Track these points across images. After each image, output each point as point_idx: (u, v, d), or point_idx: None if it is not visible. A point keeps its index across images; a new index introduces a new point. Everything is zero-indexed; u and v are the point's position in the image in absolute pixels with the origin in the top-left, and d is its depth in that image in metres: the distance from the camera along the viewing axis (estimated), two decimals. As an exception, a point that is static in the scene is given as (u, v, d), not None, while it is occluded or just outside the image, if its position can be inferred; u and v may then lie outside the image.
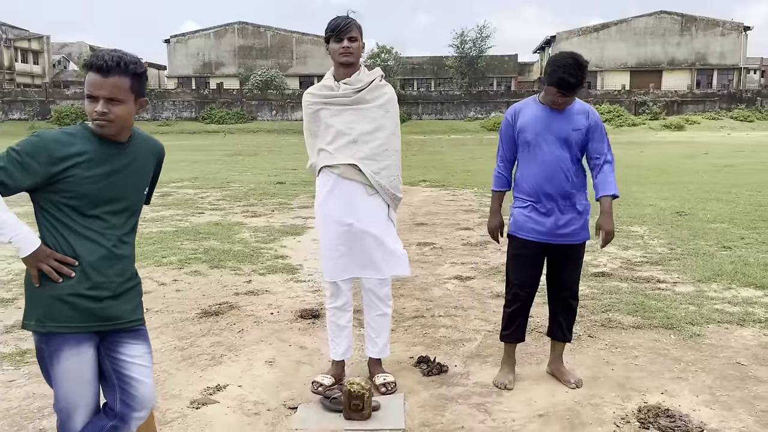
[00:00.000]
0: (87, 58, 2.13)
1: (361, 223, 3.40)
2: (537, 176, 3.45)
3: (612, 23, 58.23)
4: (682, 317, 4.56)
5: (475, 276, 5.87)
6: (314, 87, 3.52)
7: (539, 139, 3.45)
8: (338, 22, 3.36)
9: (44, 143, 2.07)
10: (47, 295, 2.12)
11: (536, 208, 3.48)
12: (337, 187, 3.43)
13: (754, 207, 9.69)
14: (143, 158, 2.30)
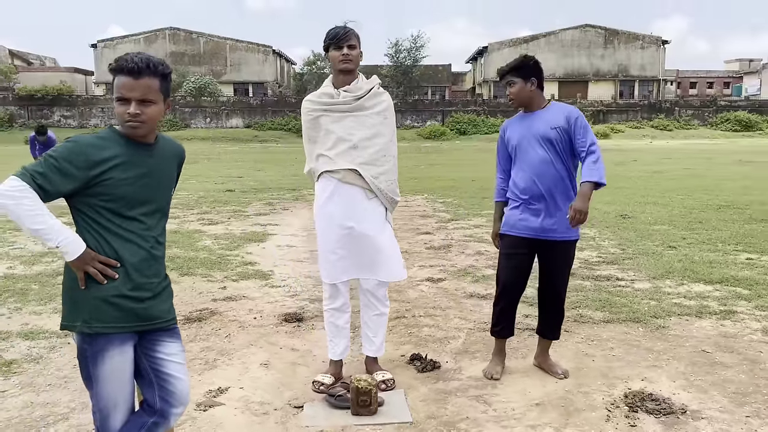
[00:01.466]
0: (113, 62, 2.17)
1: (361, 226, 3.51)
2: (526, 177, 3.66)
3: (541, 35, 60.35)
4: (645, 311, 4.89)
5: (446, 278, 6.06)
6: (313, 94, 3.62)
7: (524, 143, 3.68)
8: (338, 30, 3.48)
9: (81, 148, 2.11)
10: (93, 297, 2.14)
11: (527, 206, 3.68)
12: (337, 191, 3.53)
13: (688, 210, 10.35)
14: (168, 160, 2.35)
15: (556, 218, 3.66)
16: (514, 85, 3.66)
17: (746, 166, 20.73)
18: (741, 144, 37.68)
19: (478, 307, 5.11)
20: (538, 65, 3.73)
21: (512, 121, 3.85)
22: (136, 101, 2.15)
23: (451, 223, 9.40)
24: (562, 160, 3.69)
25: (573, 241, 3.77)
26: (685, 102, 55.70)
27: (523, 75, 3.65)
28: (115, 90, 2.16)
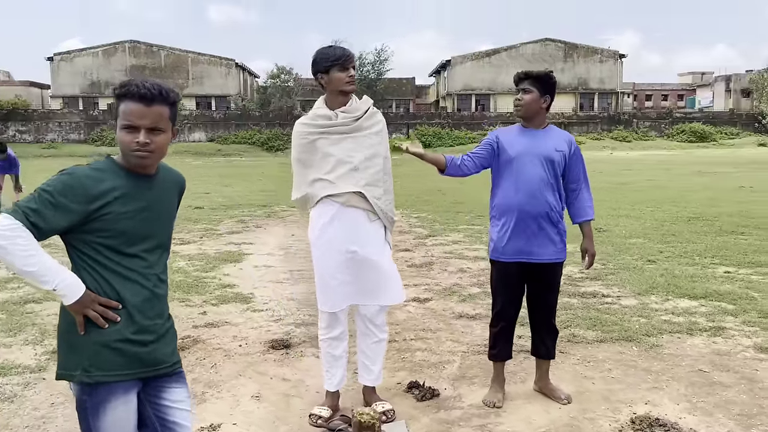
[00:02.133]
0: (120, 87, 2.02)
1: (364, 249, 3.40)
2: (518, 195, 3.58)
3: (502, 49, 61.19)
4: (637, 329, 4.87)
5: (432, 297, 5.96)
6: (307, 117, 3.50)
7: (522, 159, 3.59)
8: (341, 51, 3.38)
9: (78, 181, 1.95)
10: (93, 343, 1.97)
11: (516, 230, 3.60)
12: (339, 215, 3.41)
13: (660, 222, 10.49)
14: (169, 191, 2.21)
15: (547, 237, 3.61)
16: (529, 93, 3.58)
17: (705, 176, 21.26)
18: (697, 154, 38.74)
19: (468, 329, 5.02)
20: (555, 87, 3.67)
21: (508, 132, 3.74)
22: (145, 129, 2.00)
23: (429, 239, 9.32)
24: (558, 184, 3.65)
25: (562, 261, 3.73)
26: (642, 114, 57.15)
27: (541, 88, 3.59)
28: (122, 116, 2.00)
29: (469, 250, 8.34)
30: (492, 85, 60.61)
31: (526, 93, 3.61)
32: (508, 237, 3.61)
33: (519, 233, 3.59)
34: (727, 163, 29.27)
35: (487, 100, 60.74)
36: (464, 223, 10.76)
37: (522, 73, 3.70)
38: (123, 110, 2.01)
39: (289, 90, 57.04)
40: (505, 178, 3.65)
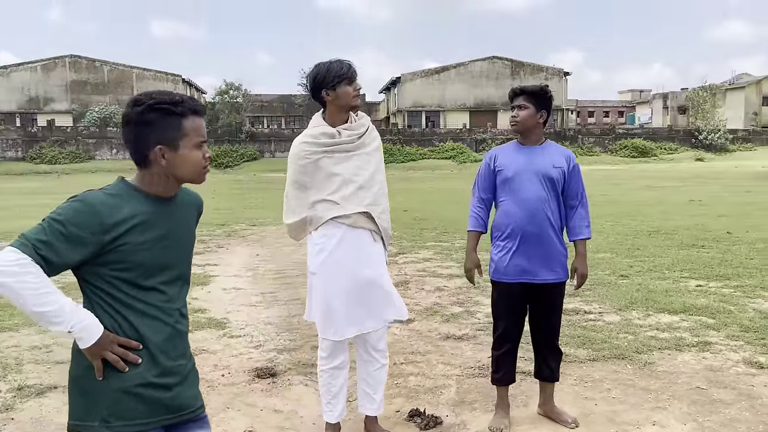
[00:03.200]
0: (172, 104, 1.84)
1: (369, 270, 3.27)
2: (518, 215, 3.50)
3: (451, 66, 62.11)
4: (626, 347, 4.84)
5: (415, 318, 5.82)
6: (309, 135, 3.31)
7: (521, 177, 3.52)
8: (347, 65, 3.25)
9: (92, 209, 1.74)
10: (112, 389, 1.76)
11: (517, 250, 3.51)
12: (346, 237, 3.25)
13: (622, 236, 10.67)
14: (188, 215, 2.01)
15: (549, 257, 3.53)
16: (526, 109, 3.51)
17: (654, 191, 21.92)
18: (640, 169, 40.09)
19: (458, 350, 4.90)
20: (552, 102, 3.61)
21: (504, 150, 3.67)
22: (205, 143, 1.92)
23: (400, 256, 9.20)
24: (557, 201, 3.58)
25: (565, 281, 3.66)
26: (587, 130, 58.82)
27: (537, 103, 3.52)
28: (193, 134, 1.86)
29: (442, 268, 8.25)
30: (441, 101, 61.38)
31: (522, 109, 3.54)
32: (509, 257, 3.52)
33: (520, 253, 3.50)
34: (671, 177, 30.32)
35: (437, 117, 61.43)
36: (431, 240, 10.69)
37: (517, 89, 3.63)
38: (191, 126, 1.86)
39: (238, 106, 56.30)
40: (505, 197, 3.57)
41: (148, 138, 1.83)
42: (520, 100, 3.55)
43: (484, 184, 3.66)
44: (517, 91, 3.59)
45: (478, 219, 3.66)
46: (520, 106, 3.54)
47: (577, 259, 3.63)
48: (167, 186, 1.89)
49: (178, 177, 1.90)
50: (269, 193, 22.82)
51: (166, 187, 1.88)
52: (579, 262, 3.62)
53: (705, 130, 55.44)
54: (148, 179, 1.86)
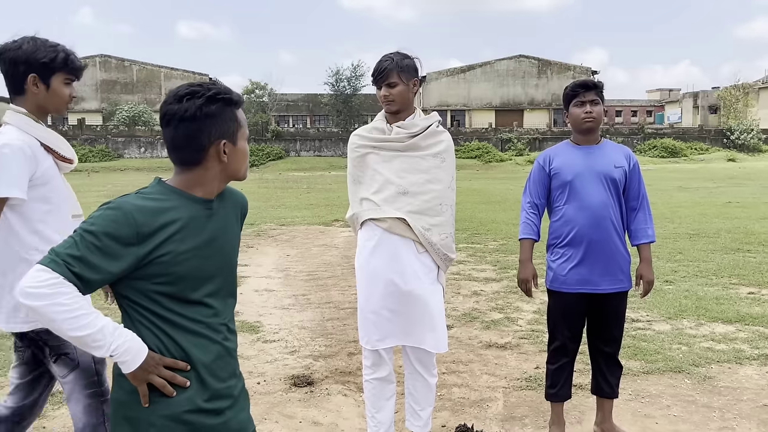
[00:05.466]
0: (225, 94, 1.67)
1: (408, 285, 3.03)
2: (580, 221, 3.26)
3: (477, 65, 61.58)
4: (681, 359, 4.57)
5: (453, 324, 5.60)
6: (363, 128, 3.16)
7: (581, 181, 3.28)
8: (378, 65, 3.04)
9: (127, 217, 1.55)
10: (159, 416, 1.58)
11: (578, 257, 3.28)
12: (383, 242, 3.04)
13: (661, 239, 10.28)
14: (231, 217, 1.82)
15: (613, 265, 3.29)
16: (599, 105, 3.27)
17: (688, 192, 21.36)
18: (670, 170, 39.22)
19: (502, 360, 4.67)
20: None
21: (559, 151, 3.42)
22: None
23: (432, 259, 8.96)
24: (620, 204, 3.34)
25: (628, 290, 3.41)
26: (614, 130, 57.86)
27: (602, 99, 3.29)
28: (245, 126, 1.74)
29: (477, 271, 8.01)
30: (467, 101, 60.90)
31: (595, 104, 3.29)
32: (570, 266, 3.28)
33: (582, 262, 3.27)
34: (703, 178, 29.59)
35: (462, 116, 61.00)
36: (463, 242, 10.44)
37: (589, 82, 3.33)
38: (243, 119, 1.75)
39: (264, 105, 56.51)
40: (564, 202, 3.33)
41: (211, 132, 1.66)
42: (593, 94, 3.30)
43: (537, 189, 3.43)
44: (590, 84, 3.33)
45: (531, 226, 3.42)
46: (593, 101, 3.29)
47: (642, 265, 3.38)
48: (219, 185, 1.73)
49: (233, 174, 1.75)
50: (296, 192, 22.74)
51: (218, 186, 1.72)
52: (644, 268, 3.37)
53: (737, 129, 54.14)
54: (200, 179, 1.68)
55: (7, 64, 2.31)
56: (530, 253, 3.44)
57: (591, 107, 3.26)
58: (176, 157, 1.67)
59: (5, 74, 2.34)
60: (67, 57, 2.35)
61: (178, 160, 1.67)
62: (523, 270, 3.45)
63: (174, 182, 1.68)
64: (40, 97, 2.35)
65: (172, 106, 1.63)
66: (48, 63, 2.31)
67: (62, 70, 2.35)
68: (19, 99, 2.35)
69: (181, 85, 1.68)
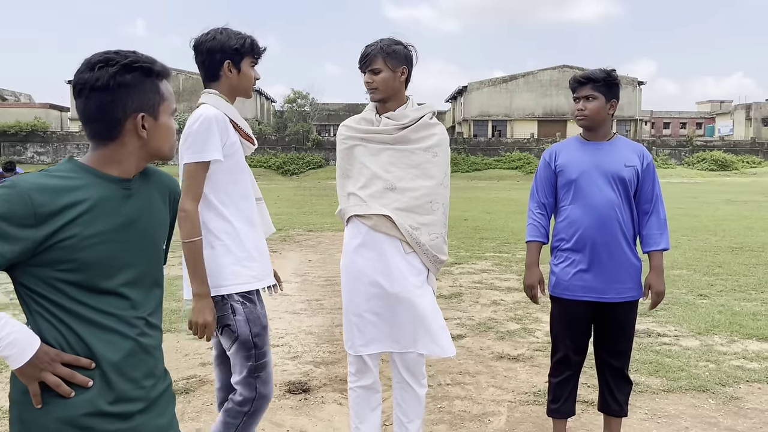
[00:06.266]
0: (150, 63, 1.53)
1: (394, 286, 2.82)
2: (585, 223, 3.02)
3: (520, 75, 60.90)
4: (707, 377, 4.23)
5: (466, 334, 5.35)
6: (352, 119, 2.98)
7: (586, 179, 3.03)
8: (363, 51, 2.85)
9: (23, 196, 1.38)
10: (53, 419, 1.41)
11: (583, 262, 3.03)
12: (368, 240, 2.85)
13: (701, 252, 9.82)
14: (156, 200, 1.65)
15: (620, 271, 3.02)
16: (594, 100, 3.03)
17: (735, 205, 20.49)
18: (719, 183, 37.89)
19: (512, 372, 4.40)
20: (619, 88, 3.12)
21: (566, 146, 3.19)
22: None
23: (456, 267, 8.72)
24: (630, 206, 3.07)
25: (638, 300, 3.12)
26: (662, 141, 56.38)
27: (607, 92, 3.04)
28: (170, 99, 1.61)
29: (500, 280, 7.73)
30: (508, 111, 60.24)
31: (590, 100, 3.05)
32: (573, 271, 3.03)
33: (587, 266, 3.01)
34: (754, 191, 28.43)
35: (503, 126, 60.34)
36: (490, 251, 10.15)
37: (582, 77, 3.12)
38: (168, 91, 1.60)
39: (306, 114, 57.01)
40: (569, 202, 3.08)
41: (126, 104, 1.49)
42: (587, 89, 3.07)
43: (544, 187, 3.20)
44: (582, 79, 3.10)
45: (538, 227, 3.18)
46: (587, 97, 3.06)
47: (651, 274, 3.10)
48: (138, 163, 1.56)
49: (154, 151, 1.58)
50: (330, 199, 22.70)
51: (137, 164, 1.56)
52: (654, 278, 3.09)
53: (792, 142, 52.08)
54: (115, 156, 1.51)
55: (205, 54, 2.53)
56: (537, 257, 3.20)
57: (584, 103, 3.03)
58: (89, 131, 1.52)
59: (202, 63, 2.55)
60: (252, 42, 2.56)
61: (92, 135, 1.51)
62: (528, 275, 3.22)
63: (86, 159, 1.52)
64: (233, 80, 2.56)
65: (84, 74, 1.48)
66: (239, 48, 2.52)
67: (249, 54, 2.56)
68: (213, 84, 2.56)
69: (97, 52, 1.53)
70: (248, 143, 2.65)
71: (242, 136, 2.60)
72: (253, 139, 2.67)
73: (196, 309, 2.41)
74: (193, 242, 2.37)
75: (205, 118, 2.41)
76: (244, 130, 2.61)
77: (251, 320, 2.52)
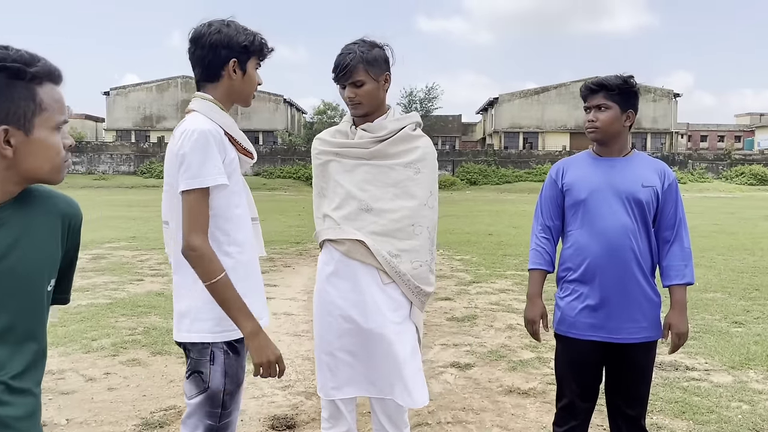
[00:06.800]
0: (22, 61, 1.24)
1: (369, 321, 2.48)
2: (594, 251, 2.63)
3: (552, 87, 60.14)
4: (741, 421, 3.77)
5: (475, 363, 4.96)
6: (327, 131, 2.67)
7: (597, 199, 2.65)
8: (339, 60, 2.52)
9: None
10: None
11: (592, 296, 2.64)
12: (341, 269, 2.52)
13: (736, 273, 9.23)
14: (38, 231, 1.34)
15: (635, 307, 2.62)
16: (607, 110, 2.64)
17: (776, 222, 19.60)
18: (759, 198, 36.58)
19: (520, 410, 4.00)
20: (638, 98, 2.73)
21: (575, 162, 2.80)
22: None
23: (473, 286, 8.31)
24: (647, 232, 2.67)
25: (655, 341, 2.72)
26: (698, 155, 54.90)
27: (623, 101, 2.66)
28: (52, 109, 1.30)
29: (519, 302, 7.30)
30: (540, 123, 59.49)
31: (602, 110, 2.67)
32: (581, 306, 2.65)
33: (596, 301, 2.62)
34: (795, 207, 27.30)
35: (535, 138, 59.58)
36: (512, 268, 9.70)
37: (593, 84, 2.72)
38: (51, 99, 1.31)
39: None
40: (576, 226, 2.70)
41: None
42: (600, 98, 2.68)
43: (550, 208, 2.82)
44: (594, 86, 2.71)
45: (542, 254, 2.79)
46: (599, 107, 2.68)
47: (672, 312, 2.68)
48: (6, 188, 1.25)
49: (29, 174, 1.29)
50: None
51: (3, 188, 1.25)
52: (675, 316, 2.67)
53: (836, 156, 50.22)
54: None
55: (206, 49, 2.13)
56: (540, 288, 2.82)
57: (595, 114, 2.64)
58: None
59: (200, 60, 2.15)
60: (262, 40, 2.21)
61: None
62: (530, 308, 2.83)
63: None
64: (236, 83, 2.18)
65: None
66: (248, 46, 2.15)
67: (256, 54, 2.21)
68: (210, 86, 2.18)
69: None
70: (246, 158, 2.29)
71: (239, 151, 2.24)
72: (252, 153, 2.31)
73: (255, 349, 2.03)
74: (216, 282, 1.99)
75: (201, 133, 2.03)
76: (241, 143, 2.24)
77: (229, 374, 2.12)
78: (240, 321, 2.02)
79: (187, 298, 2.13)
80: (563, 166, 2.82)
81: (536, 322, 2.80)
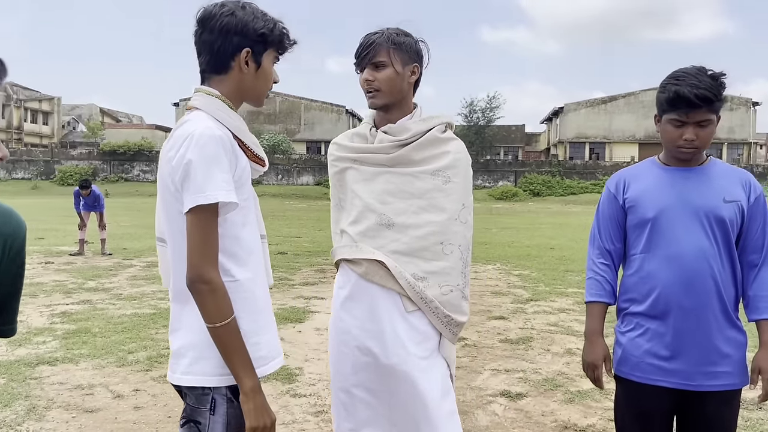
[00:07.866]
0: None
1: (390, 356, 2.13)
2: (665, 279, 2.17)
3: (620, 96, 58.27)
4: (842, 478, 3.20)
5: (528, 392, 4.51)
6: (344, 135, 2.36)
7: (669, 218, 2.19)
8: (363, 40, 2.19)
9: None
10: None
11: (662, 334, 2.19)
12: (357, 293, 2.19)
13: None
14: None
15: (715, 348, 2.16)
16: (710, 125, 2.16)
17: None
18: None
19: (576, 451, 3.54)
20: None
21: (639, 173, 2.33)
22: None
23: (530, 304, 7.81)
24: (730, 256, 2.19)
25: (740, 389, 2.23)
26: (775, 167, 51.90)
27: (717, 111, 2.19)
28: None
29: (579, 323, 6.76)
30: (607, 133, 57.68)
31: (705, 126, 2.17)
32: (648, 345, 2.20)
33: (666, 339, 2.18)
34: None
35: (601, 149, 57.81)
36: (574, 286, 9.13)
37: (699, 98, 2.12)
38: None
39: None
40: (642, 250, 2.25)
41: None
42: (703, 113, 2.16)
43: (609, 228, 2.37)
44: (696, 100, 2.12)
45: (602, 283, 2.34)
46: (701, 123, 2.17)
47: (762, 352, 2.20)
48: None
49: None
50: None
51: None
52: (766, 358, 2.20)
53: None
54: None
55: (216, 34, 1.77)
56: (601, 324, 2.36)
57: (695, 131, 2.15)
58: None
59: (208, 46, 1.80)
60: (283, 29, 1.84)
61: None
62: (590, 349, 2.37)
63: None
64: (247, 77, 1.82)
65: None
66: (266, 34, 1.79)
67: (274, 46, 1.84)
68: (216, 79, 1.82)
69: None
70: (258, 166, 1.91)
71: (250, 158, 1.88)
72: (264, 161, 1.93)
73: (252, 410, 1.65)
74: (226, 326, 1.63)
75: (212, 140, 1.69)
76: (252, 149, 1.88)
77: (231, 425, 1.74)
78: (241, 374, 1.64)
79: (189, 332, 1.76)
80: (624, 178, 2.38)
81: (598, 366, 2.35)
